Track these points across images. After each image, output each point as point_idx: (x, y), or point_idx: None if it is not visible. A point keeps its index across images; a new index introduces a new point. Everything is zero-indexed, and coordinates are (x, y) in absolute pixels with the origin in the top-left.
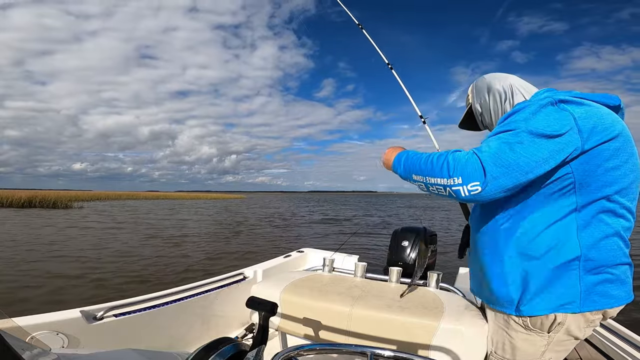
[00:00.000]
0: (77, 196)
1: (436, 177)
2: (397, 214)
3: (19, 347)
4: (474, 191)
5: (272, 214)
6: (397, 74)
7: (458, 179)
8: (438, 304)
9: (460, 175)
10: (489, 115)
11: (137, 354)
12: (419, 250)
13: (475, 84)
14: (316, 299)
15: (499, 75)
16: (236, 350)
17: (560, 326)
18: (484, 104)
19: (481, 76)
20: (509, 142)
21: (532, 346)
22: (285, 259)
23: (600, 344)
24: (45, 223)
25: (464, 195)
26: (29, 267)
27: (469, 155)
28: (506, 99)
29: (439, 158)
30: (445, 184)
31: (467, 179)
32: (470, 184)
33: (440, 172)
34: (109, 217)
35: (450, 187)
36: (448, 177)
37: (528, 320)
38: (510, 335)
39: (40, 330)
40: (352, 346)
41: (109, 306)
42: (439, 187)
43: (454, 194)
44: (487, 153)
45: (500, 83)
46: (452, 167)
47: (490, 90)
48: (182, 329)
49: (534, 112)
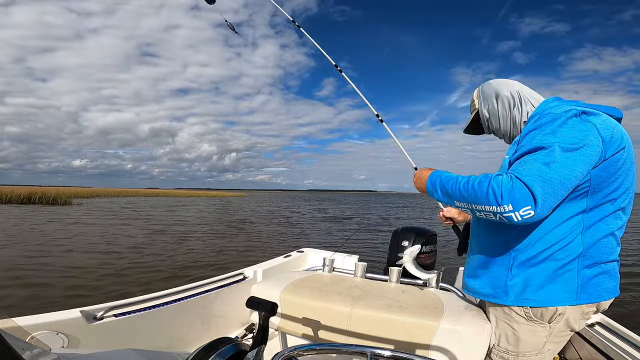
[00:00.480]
0: (76, 193)
1: (483, 204)
2: (396, 214)
3: (19, 347)
4: (526, 215)
5: (272, 212)
6: (346, 76)
7: (508, 207)
8: (438, 304)
9: (510, 202)
10: (497, 120)
11: (137, 354)
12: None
13: (482, 89)
14: (316, 299)
15: (505, 81)
16: (236, 350)
17: (560, 317)
18: (492, 109)
19: (486, 81)
20: (547, 163)
21: (535, 337)
22: (285, 259)
23: (600, 344)
24: (48, 219)
25: (517, 220)
26: (49, 261)
27: (513, 180)
28: (514, 105)
29: (481, 185)
30: (495, 211)
31: (517, 205)
32: (522, 209)
33: (487, 200)
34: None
35: (501, 214)
36: (497, 205)
37: (530, 310)
38: (513, 327)
39: (40, 330)
40: (352, 346)
41: (109, 306)
42: (488, 213)
43: (506, 220)
44: (530, 177)
45: (508, 89)
46: (499, 194)
47: (499, 96)
48: (182, 329)
49: (560, 125)
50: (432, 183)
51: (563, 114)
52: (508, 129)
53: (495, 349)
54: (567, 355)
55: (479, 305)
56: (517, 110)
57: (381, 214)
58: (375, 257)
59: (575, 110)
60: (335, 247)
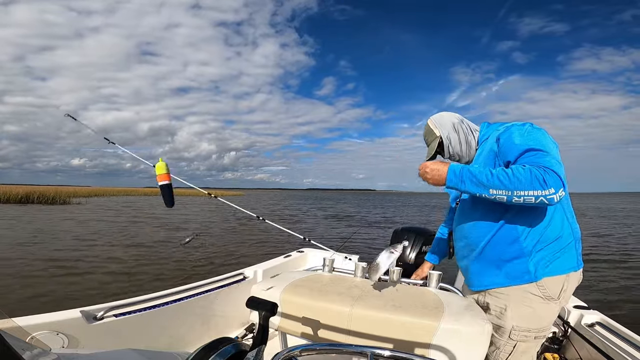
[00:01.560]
0: (75, 192)
1: (527, 189)
2: (395, 213)
3: (19, 347)
4: (561, 195)
5: (272, 212)
6: None
7: (551, 189)
8: (438, 304)
9: (552, 186)
10: (457, 145)
11: (137, 354)
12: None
13: (436, 120)
14: (316, 299)
15: (451, 114)
16: (236, 350)
17: (564, 292)
18: (452, 136)
19: (434, 114)
20: (555, 158)
21: (551, 313)
22: (285, 259)
23: (600, 344)
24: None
25: (557, 200)
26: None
27: (548, 170)
28: (469, 132)
29: (523, 173)
30: (538, 195)
31: (557, 187)
32: (559, 190)
33: (531, 186)
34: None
35: (545, 197)
36: (542, 189)
37: (547, 290)
38: (532, 307)
39: (40, 330)
40: (352, 346)
41: (109, 306)
42: (529, 197)
43: (547, 202)
44: (554, 166)
45: (458, 119)
46: (542, 180)
47: (454, 124)
48: (182, 329)
49: (531, 130)
50: (457, 175)
51: (521, 124)
52: (464, 151)
53: (515, 330)
54: (567, 355)
55: (479, 305)
56: (472, 136)
57: (381, 214)
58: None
59: (528, 123)
60: (335, 247)
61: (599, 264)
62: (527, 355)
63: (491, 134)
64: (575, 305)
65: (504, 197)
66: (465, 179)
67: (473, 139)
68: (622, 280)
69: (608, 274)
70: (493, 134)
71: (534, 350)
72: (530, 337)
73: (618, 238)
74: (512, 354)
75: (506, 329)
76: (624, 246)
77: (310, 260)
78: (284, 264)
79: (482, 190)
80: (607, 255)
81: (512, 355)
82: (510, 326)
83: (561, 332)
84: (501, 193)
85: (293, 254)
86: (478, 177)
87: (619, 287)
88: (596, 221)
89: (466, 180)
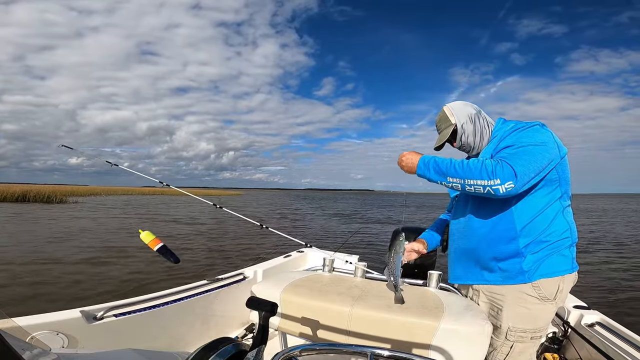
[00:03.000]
0: (72, 191)
1: (476, 179)
2: (395, 213)
3: (19, 347)
4: (509, 188)
5: (271, 212)
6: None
7: (497, 180)
8: (438, 304)
9: (499, 177)
10: (472, 135)
11: (137, 354)
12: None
13: (453, 108)
14: (316, 299)
15: (469, 104)
16: (236, 350)
17: (560, 293)
18: (467, 126)
19: (452, 102)
20: (523, 151)
21: (548, 313)
22: (285, 259)
23: (600, 344)
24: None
25: (502, 192)
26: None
27: (502, 162)
28: (486, 124)
29: (475, 164)
30: (485, 184)
31: (504, 179)
32: (506, 182)
33: (479, 175)
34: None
35: (490, 187)
36: (488, 179)
37: (543, 290)
38: (528, 307)
39: (40, 330)
40: (352, 346)
41: (109, 306)
42: (478, 186)
43: (493, 192)
44: (514, 160)
45: (475, 110)
46: (491, 171)
47: (471, 115)
48: (182, 329)
49: (528, 130)
50: (425, 164)
51: (527, 124)
52: (477, 143)
53: (511, 330)
54: (567, 355)
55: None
56: (486, 130)
57: (379, 214)
58: (375, 257)
59: (537, 122)
60: (335, 247)
61: (599, 264)
62: (525, 355)
63: (501, 132)
64: (575, 305)
65: (458, 185)
66: (430, 168)
67: (487, 133)
68: (622, 280)
69: (608, 274)
70: (502, 133)
71: (532, 350)
72: (526, 337)
73: (618, 238)
74: (509, 354)
75: (502, 330)
76: (624, 246)
77: (310, 260)
78: (284, 264)
79: (441, 178)
80: (607, 255)
81: (510, 355)
82: (506, 327)
83: (561, 332)
84: (455, 181)
85: (293, 254)
86: (440, 165)
87: (619, 287)
88: (595, 221)
89: (431, 169)
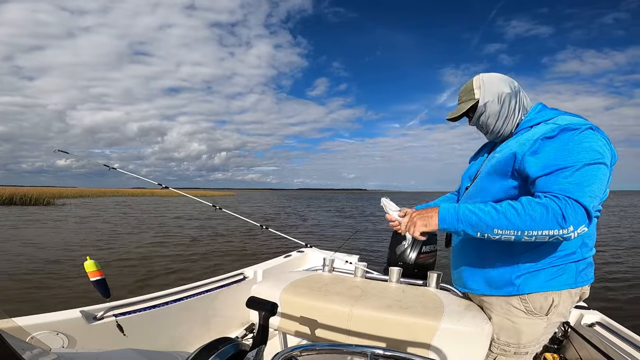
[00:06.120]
0: (60, 193)
1: (541, 229)
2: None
3: (19, 347)
4: (581, 233)
5: (268, 213)
6: None
7: (570, 227)
8: (438, 304)
9: (572, 224)
10: (494, 116)
11: (137, 354)
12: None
13: (484, 80)
14: (316, 299)
15: (507, 79)
16: (236, 350)
17: (555, 308)
18: (491, 105)
19: (487, 73)
20: (587, 180)
21: (535, 328)
22: (285, 259)
23: (600, 344)
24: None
25: (574, 237)
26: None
27: (571, 201)
28: (516, 107)
29: (537, 209)
30: (555, 234)
31: (577, 224)
32: (580, 227)
33: (547, 224)
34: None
35: (562, 235)
36: (560, 229)
37: (530, 304)
38: (512, 321)
39: (40, 330)
40: (352, 346)
41: (109, 306)
42: (543, 236)
43: (563, 239)
44: (582, 197)
45: (510, 87)
46: (562, 217)
47: (502, 94)
48: (182, 329)
49: (583, 141)
50: (452, 217)
51: (574, 124)
52: (498, 127)
53: (496, 342)
54: (567, 355)
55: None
56: (516, 116)
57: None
58: (375, 257)
59: (590, 125)
60: (335, 247)
61: (599, 264)
62: None
63: (541, 130)
64: (575, 305)
65: (511, 237)
66: (462, 221)
67: (514, 120)
68: (621, 280)
69: (608, 274)
70: (542, 131)
71: None
72: (509, 352)
73: (617, 238)
74: None
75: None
76: (623, 246)
77: (310, 260)
78: (284, 264)
79: (483, 230)
80: (607, 255)
81: None
82: (490, 338)
83: (561, 332)
84: (509, 233)
85: (293, 254)
86: (479, 214)
87: (619, 287)
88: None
89: (464, 223)
